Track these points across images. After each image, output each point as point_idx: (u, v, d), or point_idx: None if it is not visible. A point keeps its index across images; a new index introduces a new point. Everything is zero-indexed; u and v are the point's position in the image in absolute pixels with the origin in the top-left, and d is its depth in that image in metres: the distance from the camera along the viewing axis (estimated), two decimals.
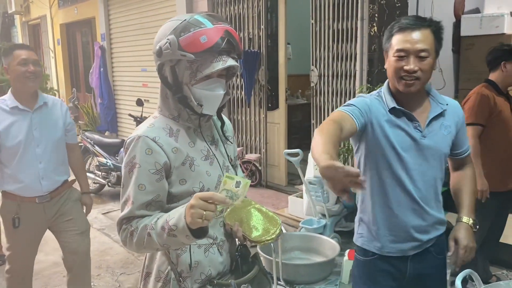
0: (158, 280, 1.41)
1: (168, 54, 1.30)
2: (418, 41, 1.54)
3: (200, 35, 1.27)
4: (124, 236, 1.33)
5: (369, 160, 1.68)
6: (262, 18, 5.28)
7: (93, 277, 3.61)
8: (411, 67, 1.54)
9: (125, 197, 1.32)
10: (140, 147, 1.30)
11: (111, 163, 5.55)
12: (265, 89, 5.45)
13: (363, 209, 1.77)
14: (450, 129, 1.67)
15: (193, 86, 1.33)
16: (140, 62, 7.46)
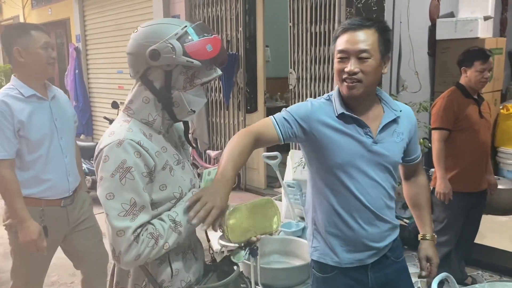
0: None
1: (168, 58, 1.27)
2: (358, 42, 1.48)
3: (206, 44, 1.29)
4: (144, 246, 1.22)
5: (316, 166, 1.63)
6: (240, 20, 5.25)
7: (66, 284, 3.53)
8: (350, 69, 1.48)
9: (124, 206, 1.21)
10: (128, 151, 1.24)
11: (86, 167, 5.42)
12: (243, 92, 5.42)
13: (315, 220, 1.70)
14: (402, 136, 1.63)
15: (186, 91, 1.33)
16: (116, 64, 7.33)
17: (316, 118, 1.58)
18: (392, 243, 1.69)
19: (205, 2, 5.63)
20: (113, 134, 1.28)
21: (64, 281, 3.57)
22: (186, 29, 1.29)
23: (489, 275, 3.35)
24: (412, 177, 1.81)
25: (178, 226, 1.28)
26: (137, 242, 1.21)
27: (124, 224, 1.20)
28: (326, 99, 1.64)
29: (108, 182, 1.22)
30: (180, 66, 1.30)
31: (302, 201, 3.76)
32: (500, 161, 4.58)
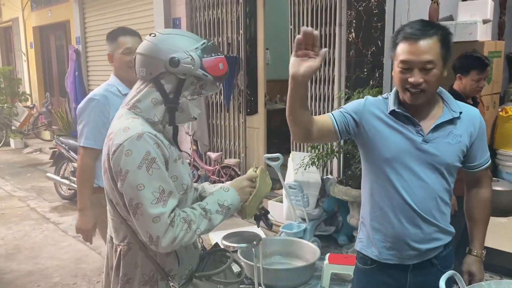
0: (143, 284, 1.44)
1: (186, 68, 1.38)
2: (422, 52, 1.45)
3: (219, 62, 1.43)
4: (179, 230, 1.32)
5: (367, 161, 1.66)
6: (240, 23, 5.28)
7: (69, 285, 3.54)
8: (415, 80, 1.47)
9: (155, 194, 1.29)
10: (149, 142, 1.32)
11: None
12: (244, 94, 5.44)
13: (363, 213, 1.73)
14: (460, 139, 1.57)
15: (190, 100, 1.44)
16: None
17: (368, 110, 1.61)
18: (442, 250, 1.65)
19: (206, 4, 5.66)
20: (128, 129, 1.33)
21: (67, 282, 3.58)
22: (206, 44, 1.42)
23: (489, 276, 3.37)
24: (474, 187, 1.73)
25: (208, 213, 1.40)
26: (172, 226, 1.31)
27: (158, 210, 1.29)
28: (384, 97, 1.66)
29: (136, 174, 1.29)
30: (192, 77, 1.41)
31: (304, 202, 3.78)
32: (499, 163, 4.61)
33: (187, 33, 1.47)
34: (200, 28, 5.80)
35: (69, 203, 5.69)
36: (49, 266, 3.86)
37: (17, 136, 9.47)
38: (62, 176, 5.76)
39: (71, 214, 5.27)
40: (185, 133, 6.02)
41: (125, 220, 1.42)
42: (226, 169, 5.45)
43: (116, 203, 1.42)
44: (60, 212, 5.36)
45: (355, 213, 3.65)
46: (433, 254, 1.63)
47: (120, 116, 1.43)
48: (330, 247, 4.01)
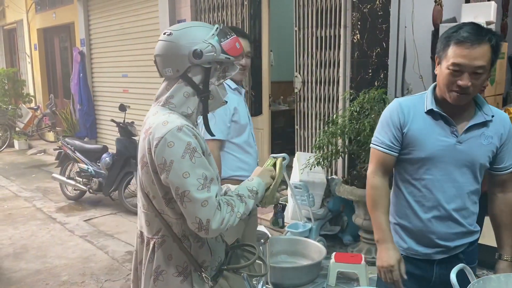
0: (177, 275, 1.47)
1: (210, 56, 1.42)
2: (476, 58, 1.47)
3: (235, 41, 1.47)
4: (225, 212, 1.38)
5: (400, 160, 1.70)
6: (246, 25, 5.33)
7: (77, 284, 3.57)
8: (464, 83, 1.50)
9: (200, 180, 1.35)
10: (188, 134, 1.37)
11: (93, 169, 5.48)
12: (249, 95, 5.48)
13: (394, 210, 1.77)
14: (491, 140, 1.62)
15: (218, 86, 1.50)
16: (121, 68, 7.40)
17: (407, 114, 1.66)
18: (468, 246, 1.70)
19: (211, 7, 5.71)
20: (167, 123, 1.38)
21: (75, 280, 3.62)
22: (217, 30, 1.45)
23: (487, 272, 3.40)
24: (500, 192, 1.73)
25: (243, 197, 1.46)
26: (219, 209, 1.37)
27: (205, 195, 1.34)
28: (418, 97, 1.69)
29: (181, 163, 1.34)
30: (215, 63, 1.46)
31: (309, 202, 3.81)
32: None
33: (197, 23, 1.51)
34: None
35: (75, 204, 5.74)
36: (57, 265, 3.90)
37: (21, 137, 9.52)
38: (68, 176, 5.81)
39: (77, 214, 5.32)
40: None
41: (159, 214, 1.45)
42: None
43: (152, 197, 1.45)
44: (66, 212, 5.40)
45: (361, 213, 3.68)
46: (460, 249, 1.67)
47: (155, 112, 1.46)
48: (335, 246, 4.04)
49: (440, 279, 1.67)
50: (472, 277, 1.38)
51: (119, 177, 5.27)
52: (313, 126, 4.71)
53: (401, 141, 1.66)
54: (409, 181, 1.68)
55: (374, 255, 3.62)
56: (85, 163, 5.55)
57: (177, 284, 1.46)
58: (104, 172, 5.37)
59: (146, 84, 6.86)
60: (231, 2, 5.43)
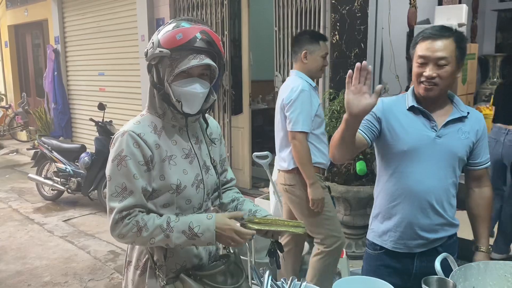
0: (137, 268, 1.52)
1: (151, 52, 1.40)
2: (437, 50, 1.61)
3: (176, 33, 1.37)
4: (126, 230, 1.37)
5: (385, 155, 1.78)
6: (225, 24, 5.37)
7: (60, 284, 3.55)
8: (429, 73, 1.62)
9: (117, 189, 1.38)
10: (127, 141, 1.39)
11: (71, 169, 5.41)
12: (229, 94, 5.53)
13: (376, 204, 1.86)
14: (468, 135, 1.71)
15: (172, 83, 1.40)
16: (97, 66, 7.31)
17: (387, 108, 1.74)
18: (447, 240, 1.77)
19: (190, 5, 5.72)
20: (125, 126, 1.45)
21: (58, 280, 3.59)
22: (171, 23, 1.41)
23: None
24: (477, 187, 1.83)
25: (169, 230, 1.38)
26: (121, 222, 1.37)
27: (113, 204, 1.38)
28: (400, 96, 1.80)
29: (109, 165, 1.41)
30: (166, 59, 1.39)
31: None
32: None
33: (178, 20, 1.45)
34: None
35: (52, 204, 5.66)
36: (38, 265, 3.85)
37: None
38: (45, 176, 5.72)
39: (55, 215, 5.25)
40: None
41: None
42: None
43: None
44: (44, 213, 5.32)
45: (341, 208, 3.78)
46: (439, 243, 1.75)
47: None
48: None
49: (421, 272, 1.73)
50: (454, 265, 1.47)
51: (98, 177, 5.23)
52: None
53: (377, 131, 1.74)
54: (392, 174, 1.76)
55: (354, 249, 3.74)
56: (63, 163, 5.47)
57: (135, 276, 1.52)
58: (82, 171, 5.32)
59: (123, 83, 6.81)
60: (211, 1, 5.46)
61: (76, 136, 8.20)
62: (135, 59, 6.37)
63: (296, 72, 2.80)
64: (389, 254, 1.79)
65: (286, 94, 2.70)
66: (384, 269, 1.81)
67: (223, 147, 1.71)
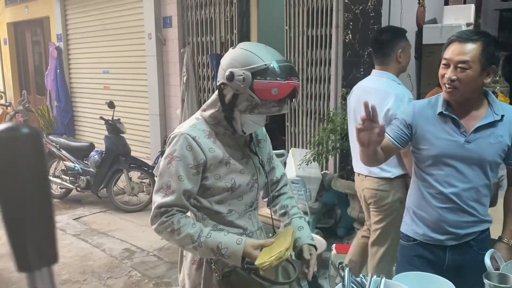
0: (193, 263, 1.61)
1: (238, 85, 1.43)
2: (460, 53, 1.63)
3: (272, 87, 1.39)
4: (162, 227, 1.47)
5: (415, 157, 1.86)
6: (234, 23, 5.39)
7: (79, 282, 3.57)
8: (449, 76, 1.65)
9: (163, 185, 1.48)
10: (181, 143, 1.47)
11: (79, 167, 5.42)
12: None
13: (410, 199, 1.93)
14: (500, 139, 1.71)
15: (242, 114, 1.49)
16: (102, 64, 7.30)
17: (418, 113, 1.80)
18: (479, 235, 1.81)
19: (198, 4, 5.73)
20: (181, 127, 1.54)
21: (77, 278, 3.61)
22: (267, 66, 1.40)
23: None
24: None
25: (197, 243, 1.45)
26: (159, 218, 1.46)
27: (156, 198, 1.49)
28: (430, 101, 1.82)
29: (162, 162, 1.52)
30: (247, 94, 1.43)
31: (306, 196, 3.94)
32: None
33: (263, 51, 1.46)
34: (192, 27, 5.87)
35: (60, 202, 5.65)
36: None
37: None
38: (53, 174, 5.71)
39: (65, 213, 5.26)
40: None
41: None
42: None
43: None
44: None
45: (356, 206, 3.83)
46: (471, 237, 1.80)
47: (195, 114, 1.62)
48: (330, 238, 4.18)
49: (453, 264, 1.80)
50: (501, 261, 1.52)
51: (108, 175, 5.25)
52: (303, 123, 4.84)
53: (408, 137, 1.82)
54: (423, 175, 1.83)
55: None
56: (72, 161, 5.47)
57: (192, 271, 1.60)
58: (92, 170, 5.32)
59: (129, 81, 6.81)
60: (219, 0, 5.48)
61: (79, 134, 8.18)
62: (142, 57, 6.38)
63: (389, 75, 2.69)
64: (422, 245, 1.85)
65: (389, 101, 2.56)
66: (417, 259, 1.87)
67: (270, 145, 1.79)
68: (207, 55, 5.71)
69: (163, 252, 4.09)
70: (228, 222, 1.57)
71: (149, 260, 3.95)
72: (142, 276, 3.65)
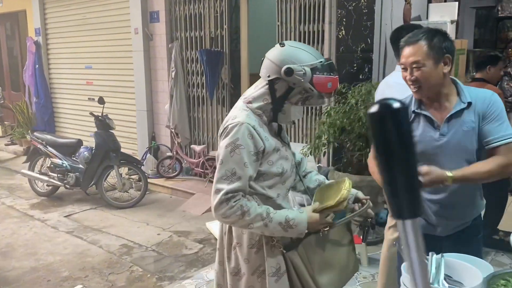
0: (251, 247, 1.67)
1: (297, 79, 1.58)
2: (410, 55, 1.76)
3: (328, 81, 1.60)
4: (231, 211, 1.54)
5: None
6: (225, 18, 5.41)
7: (81, 278, 3.55)
8: (409, 77, 1.78)
9: (227, 173, 1.56)
10: (243, 131, 1.56)
11: (68, 164, 5.32)
12: (228, 88, 5.58)
13: None
14: (472, 124, 1.75)
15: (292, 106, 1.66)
16: (84, 59, 7.16)
17: None
18: (472, 221, 1.90)
19: None
20: (236, 118, 1.61)
21: (78, 275, 3.58)
22: (322, 63, 1.60)
23: None
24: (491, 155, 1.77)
25: (268, 219, 1.56)
26: (226, 204, 1.54)
27: (221, 186, 1.55)
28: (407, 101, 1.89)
29: (223, 151, 1.57)
30: (301, 88, 1.61)
31: None
32: None
33: (311, 49, 1.66)
34: (180, 22, 5.84)
35: (48, 200, 5.55)
36: (53, 261, 3.81)
37: None
38: (39, 172, 5.59)
39: (54, 211, 5.17)
40: (165, 126, 6.06)
41: None
42: (211, 161, 5.58)
43: None
44: (42, 209, 5.22)
45: None
46: (464, 226, 1.89)
47: (236, 106, 1.70)
48: None
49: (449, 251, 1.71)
50: None
51: (99, 171, 5.19)
52: None
53: None
54: None
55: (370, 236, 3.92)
56: (59, 158, 5.38)
57: (251, 255, 1.67)
58: (81, 166, 5.25)
59: (114, 76, 6.71)
60: None
61: (60, 131, 8.00)
62: (128, 52, 6.31)
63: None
64: None
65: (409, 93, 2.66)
66: None
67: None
68: (197, 50, 5.70)
69: (162, 247, 4.10)
70: (277, 205, 1.66)
71: (149, 255, 3.95)
72: (144, 271, 3.65)
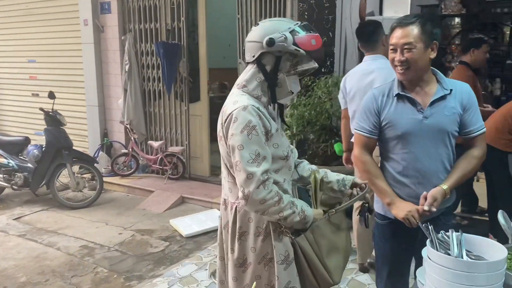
0: (258, 235, 1.64)
1: (280, 46, 1.56)
2: (403, 37, 1.83)
3: (311, 38, 1.59)
4: (270, 196, 1.51)
5: (381, 139, 1.98)
6: (182, 10, 5.28)
7: (41, 283, 3.36)
8: (398, 58, 1.85)
9: (252, 155, 1.51)
10: (252, 113, 1.53)
11: (14, 164, 4.98)
12: (186, 82, 5.46)
13: None
14: (454, 110, 1.86)
15: (287, 76, 1.62)
16: (27, 52, 6.72)
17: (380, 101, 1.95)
18: (445, 209, 1.97)
19: None
20: (237, 102, 1.57)
21: (37, 280, 3.34)
22: (298, 25, 1.61)
23: None
24: (469, 148, 1.94)
25: (295, 207, 1.58)
26: (264, 187, 1.50)
27: (253, 169, 1.50)
28: (389, 83, 1.96)
29: (238, 136, 1.52)
30: (288, 54, 1.59)
31: None
32: None
33: (284, 19, 1.67)
34: (134, 14, 5.63)
35: None
36: (7, 267, 3.54)
37: None
38: None
39: (1, 214, 4.82)
40: (119, 122, 5.83)
41: None
42: (170, 157, 5.44)
43: (230, 166, 1.62)
44: None
45: None
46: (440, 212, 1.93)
47: (232, 93, 1.65)
48: None
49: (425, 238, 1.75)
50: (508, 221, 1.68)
51: (50, 170, 4.89)
52: None
53: (379, 125, 1.96)
54: (390, 156, 1.98)
55: None
56: (5, 157, 5.01)
57: (257, 243, 1.64)
58: (30, 165, 4.92)
59: (61, 70, 6.36)
60: None
61: (4, 127, 7.44)
62: (77, 45, 5.99)
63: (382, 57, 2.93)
64: (395, 222, 1.97)
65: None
66: (390, 236, 2.06)
67: None
68: (152, 43, 5.53)
69: (125, 247, 3.93)
70: (284, 190, 1.63)
71: (113, 255, 3.77)
72: (109, 271, 3.48)
